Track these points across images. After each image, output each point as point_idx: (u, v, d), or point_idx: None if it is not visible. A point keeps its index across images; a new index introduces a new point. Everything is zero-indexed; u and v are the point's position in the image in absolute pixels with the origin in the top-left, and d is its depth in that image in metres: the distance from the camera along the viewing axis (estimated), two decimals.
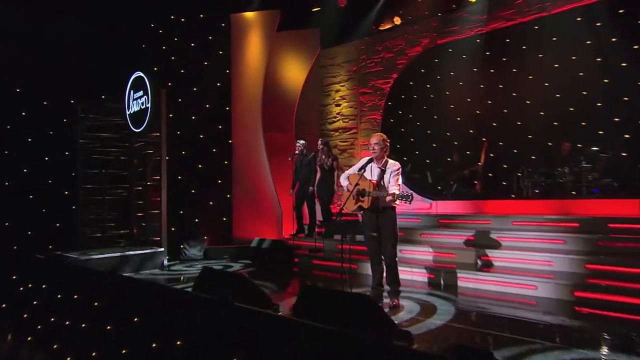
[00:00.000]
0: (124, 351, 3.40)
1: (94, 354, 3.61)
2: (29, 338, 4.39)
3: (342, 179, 4.87)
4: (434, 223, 7.00)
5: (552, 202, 6.71)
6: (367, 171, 4.64)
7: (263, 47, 8.59)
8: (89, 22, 7.26)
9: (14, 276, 5.00)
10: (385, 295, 4.65)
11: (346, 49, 9.86)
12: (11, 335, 4.66)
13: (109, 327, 3.93)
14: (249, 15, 8.69)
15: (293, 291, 5.72)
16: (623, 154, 7.26)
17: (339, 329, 2.37)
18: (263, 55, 8.56)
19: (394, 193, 4.22)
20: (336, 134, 9.93)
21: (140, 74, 7.37)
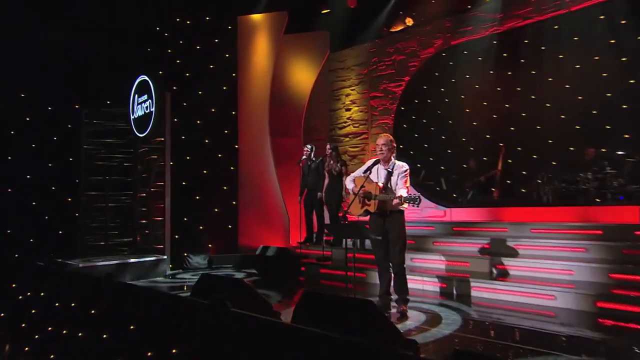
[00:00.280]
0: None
1: None
2: (26, 348, 4.42)
3: (348, 181, 4.82)
4: (448, 231, 6.88)
5: (574, 209, 6.55)
6: (374, 173, 4.58)
7: (270, 50, 8.65)
8: (93, 26, 7.38)
9: (14, 284, 5.05)
10: (393, 305, 4.55)
11: (357, 51, 9.87)
12: (9, 346, 4.69)
13: (105, 336, 3.95)
14: (255, 17, 8.77)
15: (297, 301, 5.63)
16: None
17: (339, 336, 2.32)
18: (270, 58, 8.61)
19: (401, 196, 4.14)
20: (346, 139, 9.90)
21: (145, 78, 7.46)
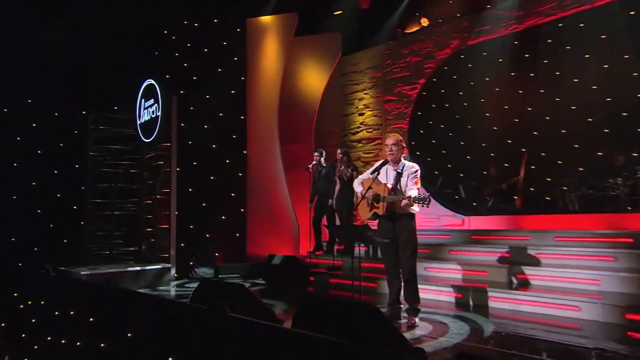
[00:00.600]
0: None
1: None
2: (25, 359, 4.46)
3: (356, 184, 4.75)
4: (465, 239, 6.75)
5: (601, 217, 6.37)
6: (382, 175, 4.51)
7: (280, 52, 8.69)
8: (100, 29, 7.53)
9: (15, 293, 5.11)
10: (404, 314, 4.43)
11: (370, 53, 9.86)
12: (8, 357, 4.74)
13: (103, 345, 3.95)
14: (265, 19, 8.85)
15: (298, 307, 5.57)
16: None
17: (340, 340, 2.27)
18: (280, 61, 8.65)
19: (410, 196, 4.06)
20: (359, 144, 9.84)
21: (152, 82, 7.58)
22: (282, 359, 2.38)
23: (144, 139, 7.69)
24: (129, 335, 3.77)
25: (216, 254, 8.24)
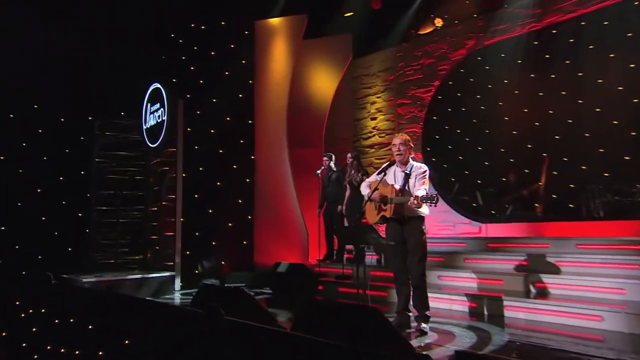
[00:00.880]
0: None
1: None
2: None
3: (363, 187, 4.70)
4: (481, 247, 6.64)
5: (627, 224, 6.20)
6: (390, 176, 4.46)
7: (289, 55, 8.72)
8: (106, 34, 7.60)
9: (17, 302, 5.17)
10: (413, 322, 4.34)
11: (382, 56, 9.85)
12: None
13: (101, 353, 3.97)
14: (273, 21, 8.90)
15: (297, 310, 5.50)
16: None
17: (338, 343, 2.23)
18: (289, 64, 8.68)
19: (417, 196, 3.99)
20: (372, 150, 9.80)
21: (158, 86, 7.66)
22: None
23: (149, 144, 7.76)
24: (127, 342, 3.79)
25: (222, 262, 8.21)
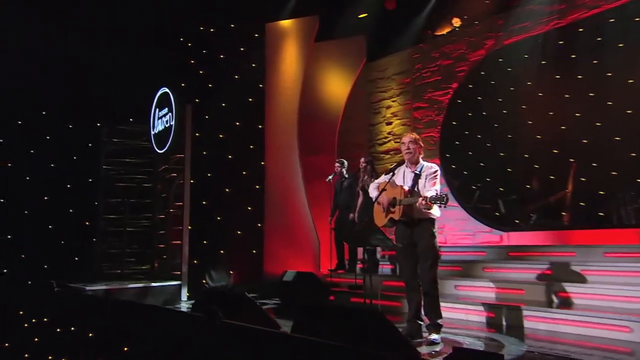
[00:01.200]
0: None
1: None
2: None
3: (372, 189, 4.64)
4: (502, 256, 6.49)
5: None
6: (399, 177, 4.40)
7: (300, 58, 8.75)
8: (113, 38, 7.72)
9: (21, 312, 5.24)
10: (424, 331, 4.23)
11: (398, 58, 9.81)
12: None
13: None
14: (284, 23, 8.95)
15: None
16: None
17: (337, 344, 2.21)
18: (300, 67, 8.71)
19: (426, 196, 3.91)
20: (387, 156, 9.72)
21: (166, 90, 7.76)
22: None
23: (157, 150, 7.84)
24: (126, 349, 3.82)
25: (231, 272, 8.19)
